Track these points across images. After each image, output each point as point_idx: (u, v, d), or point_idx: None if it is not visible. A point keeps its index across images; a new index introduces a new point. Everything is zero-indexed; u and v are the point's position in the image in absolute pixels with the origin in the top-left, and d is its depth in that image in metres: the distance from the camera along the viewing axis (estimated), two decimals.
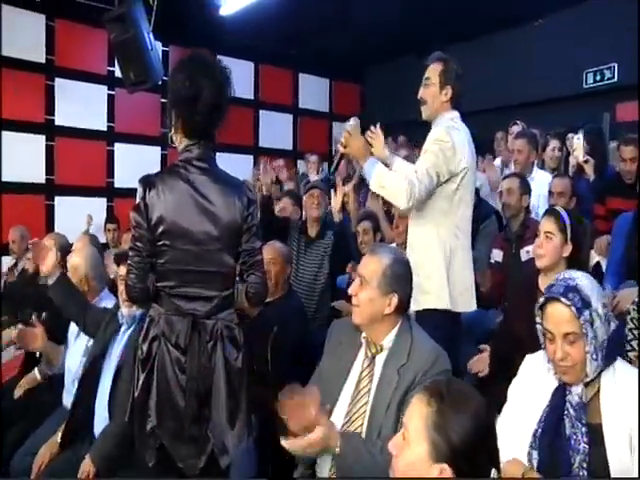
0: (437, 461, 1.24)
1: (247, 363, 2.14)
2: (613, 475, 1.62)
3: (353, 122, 2.65)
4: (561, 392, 1.75)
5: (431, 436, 1.25)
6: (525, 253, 3.45)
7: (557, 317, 1.71)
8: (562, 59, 6.31)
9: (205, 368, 2.05)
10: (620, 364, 1.76)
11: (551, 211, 2.66)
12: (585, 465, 1.65)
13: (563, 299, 1.69)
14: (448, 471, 1.23)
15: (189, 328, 2.05)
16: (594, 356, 1.68)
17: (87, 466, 2.48)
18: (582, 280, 1.74)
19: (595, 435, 1.67)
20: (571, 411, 1.71)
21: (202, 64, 2.15)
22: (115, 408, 2.57)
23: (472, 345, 3.26)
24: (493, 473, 1.28)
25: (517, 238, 3.59)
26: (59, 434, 2.79)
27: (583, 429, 1.67)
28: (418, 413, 1.29)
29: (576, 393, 1.72)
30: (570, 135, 4.68)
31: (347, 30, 6.83)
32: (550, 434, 1.72)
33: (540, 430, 1.74)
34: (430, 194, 2.62)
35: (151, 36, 5.26)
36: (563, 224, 2.55)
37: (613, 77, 6.16)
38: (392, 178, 2.60)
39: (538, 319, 1.79)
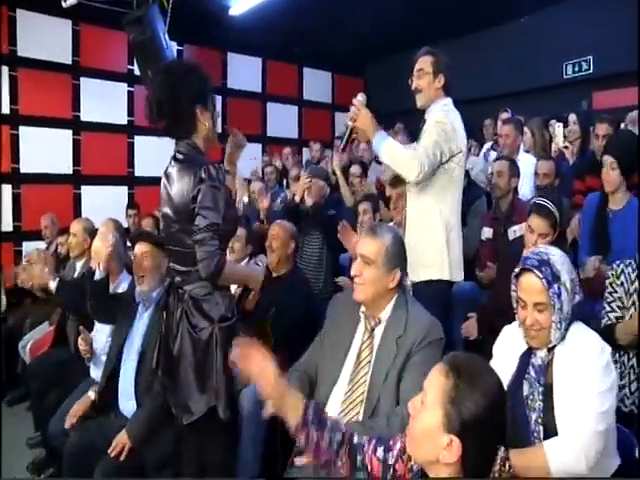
0: (448, 432, 1.21)
1: (227, 335, 2.06)
2: (561, 429, 1.64)
3: (361, 97, 2.56)
4: (527, 356, 1.78)
5: (445, 407, 1.21)
6: (512, 232, 3.44)
7: (529, 287, 1.71)
8: (544, 52, 6.32)
9: (172, 330, 2.11)
10: (575, 327, 1.76)
11: (543, 210, 2.60)
12: (540, 421, 1.68)
13: (536, 271, 1.69)
14: (457, 442, 1.20)
15: (164, 292, 2.19)
16: (558, 325, 1.70)
17: (124, 439, 2.43)
18: (554, 255, 1.74)
19: (548, 394, 1.70)
20: (532, 373, 1.74)
21: (160, 69, 2.17)
22: (142, 389, 2.56)
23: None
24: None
25: (505, 218, 3.58)
26: (90, 393, 2.82)
27: (540, 389, 1.70)
28: (437, 382, 1.24)
29: (540, 356, 1.74)
30: (552, 122, 4.66)
31: (349, 28, 6.77)
32: (511, 394, 1.70)
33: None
34: (433, 171, 2.58)
35: (166, 36, 5.24)
36: (554, 221, 2.56)
37: (589, 69, 6.19)
38: (403, 151, 2.55)
39: (513, 287, 1.78)
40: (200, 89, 2.09)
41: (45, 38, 6.05)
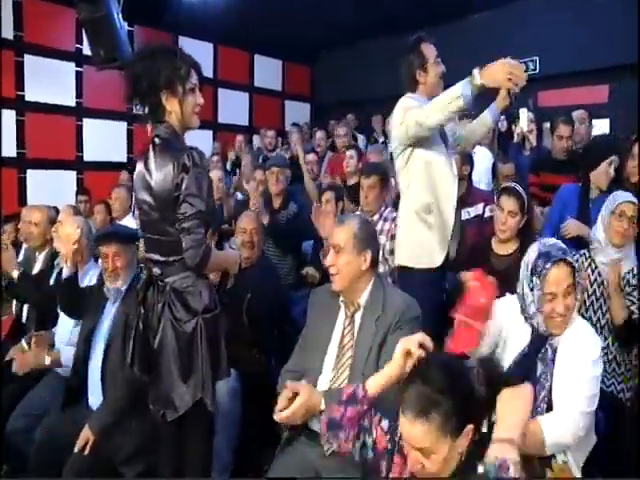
0: (459, 429, 1.27)
1: (211, 326, 2.02)
2: (556, 406, 1.77)
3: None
4: (541, 339, 1.86)
5: (450, 420, 1.26)
6: (466, 213, 3.53)
7: (562, 275, 1.80)
8: (493, 51, 6.32)
9: (153, 324, 2.02)
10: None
11: (512, 191, 2.70)
12: (546, 400, 1.78)
13: (569, 258, 1.82)
14: (470, 428, 1.27)
15: (142, 285, 2.10)
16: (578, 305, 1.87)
17: (87, 433, 2.33)
18: (559, 242, 1.91)
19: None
20: (549, 354, 1.83)
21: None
22: (107, 382, 2.48)
23: None
24: None
25: (459, 199, 3.61)
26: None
27: (553, 369, 1.80)
28: (431, 422, 1.26)
29: (557, 338, 1.84)
30: (523, 109, 4.77)
31: (302, 16, 6.70)
32: (525, 372, 1.80)
33: (514, 367, 1.85)
34: None
35: (120, 16, 5.03)
36: (522, 203, 2.65)
37: (535, 68, 6.37)
38: None
39: (537, 285, 1.82)
40: (166, 75, 1.99)
41: None
